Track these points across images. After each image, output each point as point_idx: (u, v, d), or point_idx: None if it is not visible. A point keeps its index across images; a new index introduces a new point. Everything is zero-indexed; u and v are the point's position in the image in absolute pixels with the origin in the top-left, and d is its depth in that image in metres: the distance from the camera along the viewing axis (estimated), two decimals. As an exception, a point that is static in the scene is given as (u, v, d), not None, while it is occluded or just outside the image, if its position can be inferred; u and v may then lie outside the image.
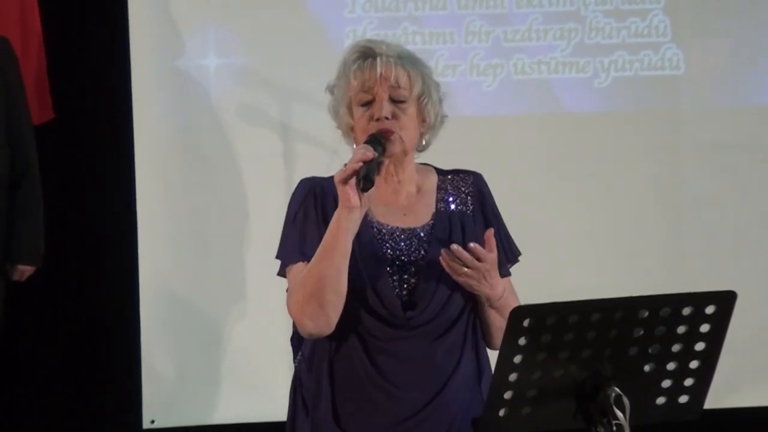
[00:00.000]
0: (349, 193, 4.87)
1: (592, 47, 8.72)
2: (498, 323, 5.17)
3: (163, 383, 8.56)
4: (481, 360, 5.25)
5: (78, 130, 8.60)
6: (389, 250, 5.15)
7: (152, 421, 8.52)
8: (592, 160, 8.80)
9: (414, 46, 8.18)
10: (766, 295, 8.59)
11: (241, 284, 6.45)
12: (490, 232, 5.01)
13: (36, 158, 7.74)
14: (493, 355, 5.34)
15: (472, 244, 5.01)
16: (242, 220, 6.65)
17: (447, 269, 5.01)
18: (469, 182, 5.32)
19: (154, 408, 8.55)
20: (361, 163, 4.88)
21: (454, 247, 4.98)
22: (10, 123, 7.60)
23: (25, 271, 7.61)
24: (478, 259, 4.99)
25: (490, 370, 5.25)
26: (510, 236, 5.44)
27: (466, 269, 4.98)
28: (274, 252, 5.25)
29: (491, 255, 5.00)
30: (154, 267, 8.52)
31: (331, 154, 7.64)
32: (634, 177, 8.86)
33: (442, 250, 5.05)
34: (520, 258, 5.40)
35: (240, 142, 8.56)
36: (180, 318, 8.63)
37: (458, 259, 5.01)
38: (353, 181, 4.90)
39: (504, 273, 5.18)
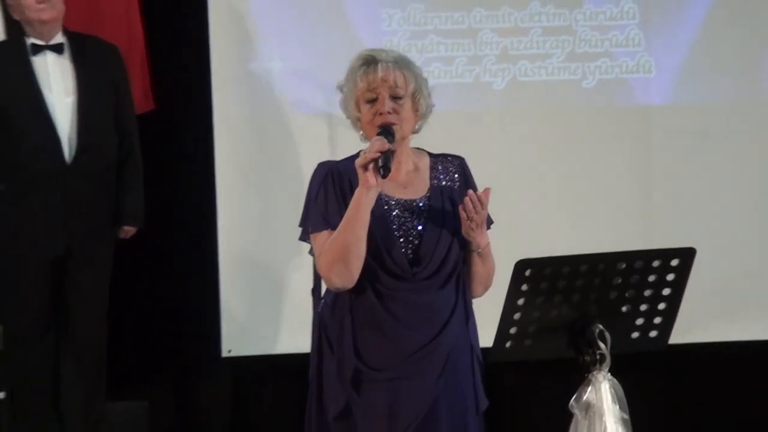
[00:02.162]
0: (368, 176, 5.02)
1: (581, 55, 8.99)
2: (480, 270, 5.34)
3: (237, 320, 8.83)
4: (468, 308, 5.40)
5: (168, 120, 8.83)
6: (396, 219, 5.28)
7: (229, 351, 8.72)
8: (580, 145, 9.02)
9: (438, 53, 8.56)
10: (721, 251, 8.81)
11: (299, 241, 6.59)
12: (487, 190, 5.14)
13: (138, 143, 8.10)
14: (476, 304, 5.61)
15: (480, 192, 5.16)
16: (299, 189, 6.70)
17: (463, 211, 5.11)
18: (456, 164, 5.44)
19: (230, 340, 8.80)
20: (379, 153, 5.02)
21: (471, 192, 5.13)
22: (118, 116, 7.94)
23: (129, 231, 7.96)
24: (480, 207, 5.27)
25: (474, 316, 5.53)
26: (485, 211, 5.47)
27: (474, 215, 5.11)
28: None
29: (485, 211, 5.16)
30: (230, 228, 8.73)
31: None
32: (613, 157, 8.98)
33: (469, 191, 5.13)
34: (492, 226, 5.45)
35: (296, 128, 8.71)
36: (251, 269, 8.82)
37: (470, 203, 5.17)
38: (372, 165, 5.05)
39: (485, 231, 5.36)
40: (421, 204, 5.28)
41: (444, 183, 5.39)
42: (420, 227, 5.30)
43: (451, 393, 5.33)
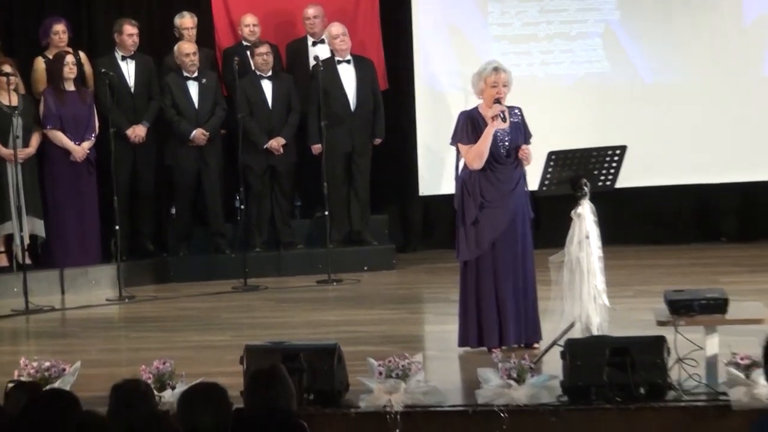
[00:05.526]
0: (495, 122, 6.95)
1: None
2: (525, 165, 7.09)
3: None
4: (524, 177, 7.12)
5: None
6: (499, 138, 7.04)
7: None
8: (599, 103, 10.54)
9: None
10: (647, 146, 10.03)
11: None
12: (524, 149, 6.98)
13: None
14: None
15: (524, 146, 7.06)
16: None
17: (520, 152, 7.03)
18: (517, 110, 7.21)
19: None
20: (499, 115, 6.91)
21: (523, 147, 7.03)
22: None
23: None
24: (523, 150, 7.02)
25: (526, 179, 7.13)
26: (528, 130, 7.19)
27: (523, 156, 6.99)
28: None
29: (527, 151, 7.01)
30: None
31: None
32: (610, 112, 10.49)
33: (522, 147, 7.02)
34: (531, 140, 7.14)
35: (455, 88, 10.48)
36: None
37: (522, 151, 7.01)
38: (497, 117, 6.92)
39: (526, 143, 7.09)
40: (508, 130, 7.10)
41: (516, 120, 7.17)
42: (507, 142, 7.12)
43: (520, 211, 7.14)
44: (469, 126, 7.03)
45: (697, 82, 10.55)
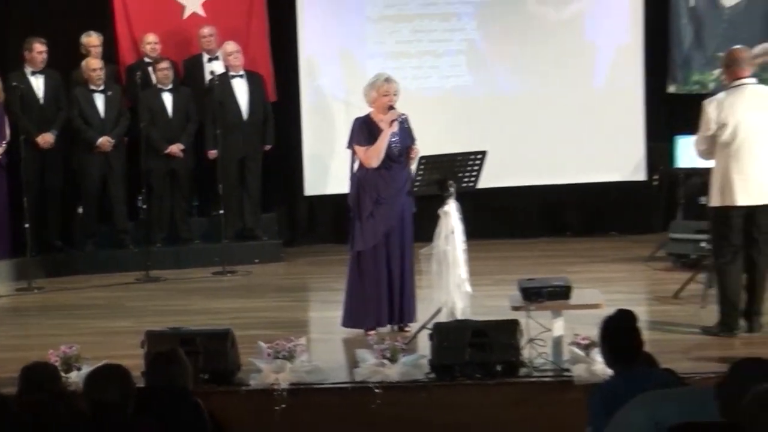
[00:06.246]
0: (393, 125, 6.97)
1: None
2: (411, 163, 7.05)
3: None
4: (409, 176, 7.07)
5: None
6: (392, 140, 7.07)
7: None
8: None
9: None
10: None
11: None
12: (414, 149, 6.97)
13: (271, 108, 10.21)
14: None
15: (414, 146, 7.09)
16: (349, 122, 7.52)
17: (411, 152, 7.04)
18: (405, 117, 7.19)
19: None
20: (396, 120, 6.92)
21: (412, 146, 7.06)
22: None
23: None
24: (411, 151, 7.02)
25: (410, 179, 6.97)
26: (413, 134, 7.17)
27: (414, 153, 6.97)
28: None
29: (417, 150, 6.99)
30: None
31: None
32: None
33: (413, 148, 7.04)
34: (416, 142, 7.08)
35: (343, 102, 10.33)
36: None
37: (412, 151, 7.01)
38: (394, 123, 6.94)
39: (412, 144, 7.06)
40: (399, 134, 7.12)
41: (405, 126, 7.20)
42: (399, 144, 7.13)
43: (406, 207, 7.16)
44: (365, 130, 7.05)
45: (545, 94, 10.64)
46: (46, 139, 10.00)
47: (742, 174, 6.68)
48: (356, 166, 7.14)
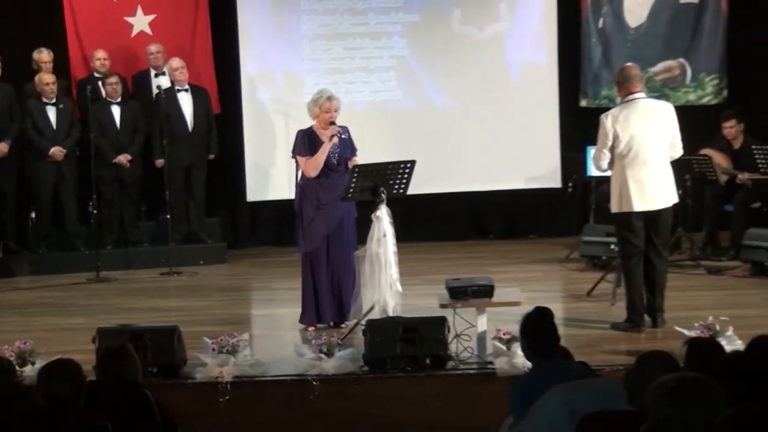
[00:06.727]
0: (334, 138, 6.97)
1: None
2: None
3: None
4: (348, 183, 6.79)
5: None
6: (332, 152, 7.04)
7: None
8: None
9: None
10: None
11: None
12: (354, 159, 6.91)
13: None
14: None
15: (354, 158, 7.04)
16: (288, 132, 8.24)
17: (350, 163, 6.94)
18: (347, 129, 7.22)
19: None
20: (336, 135, 6.92)
21: (352, 158, 7.01)
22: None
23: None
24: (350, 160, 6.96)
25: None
26: (354, 146, 7.13)
27: (353, 163, 6.88)
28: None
29: (355, 160, 6.94)
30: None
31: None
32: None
33: (353, 159, 6.99)
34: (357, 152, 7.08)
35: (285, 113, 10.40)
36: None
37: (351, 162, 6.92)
38: (334, 135, 6.93)
39: (352, 156, 7.04)
40: (339, 146, 7.11)
41: (344, 136, 7.18)
42: (338, 155, 7.13)
43: (348, 212, 7.13)
44: (306, 141, 7.03)
45: (469, 107, 10.66)
46: (0, 148, 9.80)
47: (638, 182, 6.72)
48: (300, 174, 7.13)
